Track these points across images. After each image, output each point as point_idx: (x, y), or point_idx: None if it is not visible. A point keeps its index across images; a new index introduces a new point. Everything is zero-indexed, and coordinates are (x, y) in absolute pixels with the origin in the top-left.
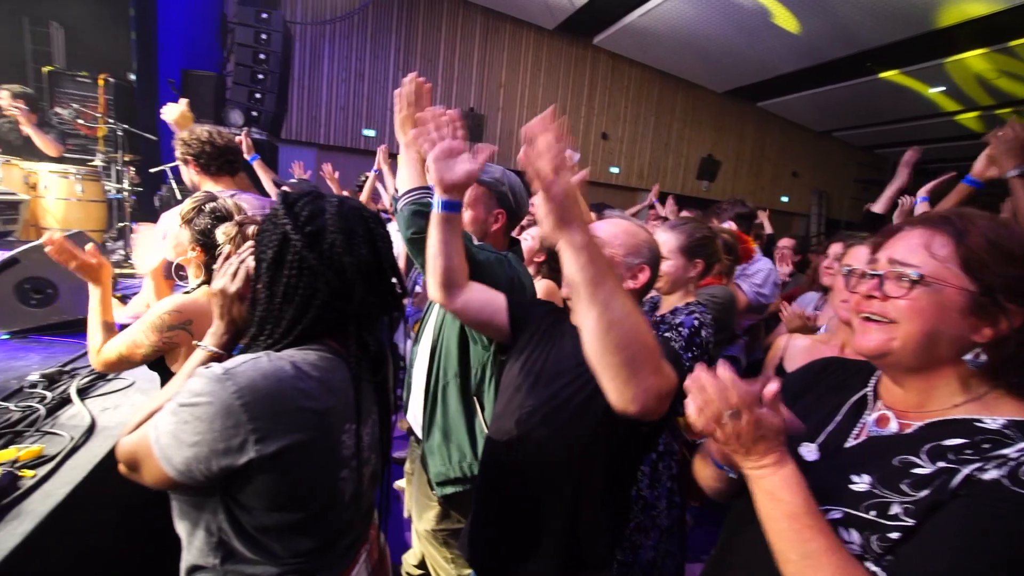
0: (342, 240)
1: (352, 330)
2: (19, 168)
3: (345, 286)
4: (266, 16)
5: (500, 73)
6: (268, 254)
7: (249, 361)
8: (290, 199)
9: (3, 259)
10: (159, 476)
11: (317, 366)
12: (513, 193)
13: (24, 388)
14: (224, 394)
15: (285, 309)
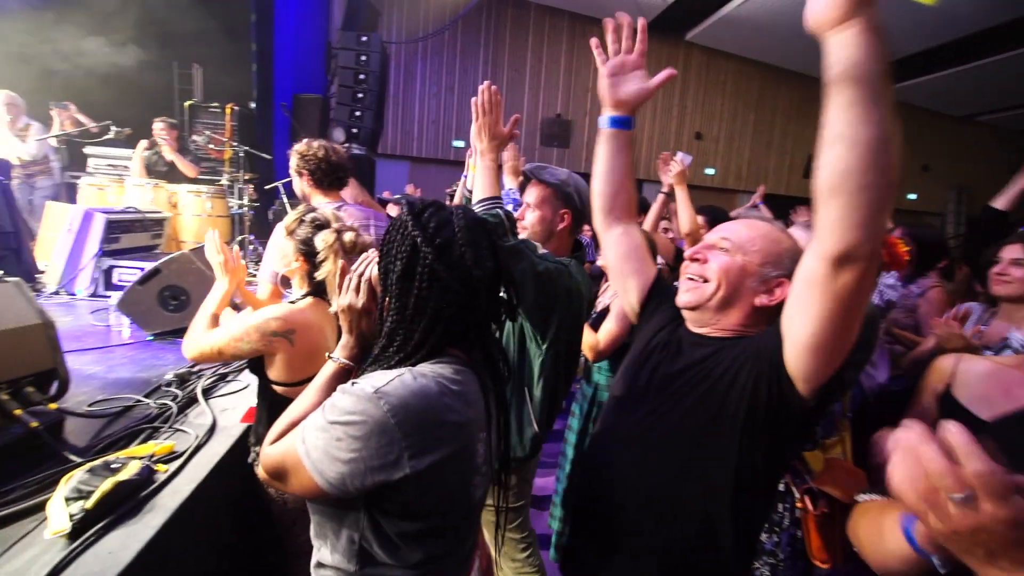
0: (471, 253)
1: (475, 340)
2: (164, 190)
3: (473, 298)
4: (365, 39)
5: (588, 77)
6: (397, 266)
7: (396, 379)
8: (417, 208)
9: (148, 270)
10: (310, 487)
11: (455, 380)
12: (579, 194)
13: (161, 386)
14: (378, 413)
15: (416, 321)
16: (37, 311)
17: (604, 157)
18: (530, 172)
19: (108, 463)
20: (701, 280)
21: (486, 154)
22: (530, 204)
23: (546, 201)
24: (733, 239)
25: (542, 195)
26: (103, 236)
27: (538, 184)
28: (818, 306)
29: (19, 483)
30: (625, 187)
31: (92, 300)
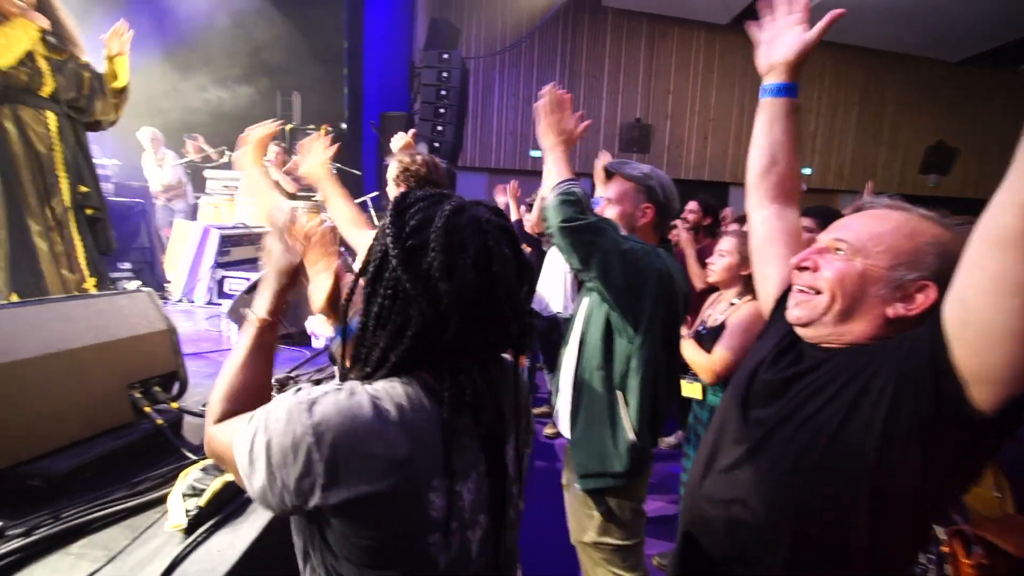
0: (442, 261)
1: (446, 368)
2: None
3: (439, 317)
4: (447, 57)
5: (668, 79)
6: (369, 268)
7: (331, 393)
8: (405, 202)
9: (253, 281)
10: (245, 489)
11: (401, 407)
12: (662, 188)
13: None
14: (300, 428)
15: (378, 335)
16: (164, 318)
17: (758, 129)
18: (611, 167)
19: None
20: (812, 292)
21: (556, 147)
22: (610, 199)
23: (627, 195)
24: (850, 239)
25: (622, 189)
26: (217, 249)
27: (619, 178)
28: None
29: (146, 475)
30: (779, 163)
31: (207, 307)
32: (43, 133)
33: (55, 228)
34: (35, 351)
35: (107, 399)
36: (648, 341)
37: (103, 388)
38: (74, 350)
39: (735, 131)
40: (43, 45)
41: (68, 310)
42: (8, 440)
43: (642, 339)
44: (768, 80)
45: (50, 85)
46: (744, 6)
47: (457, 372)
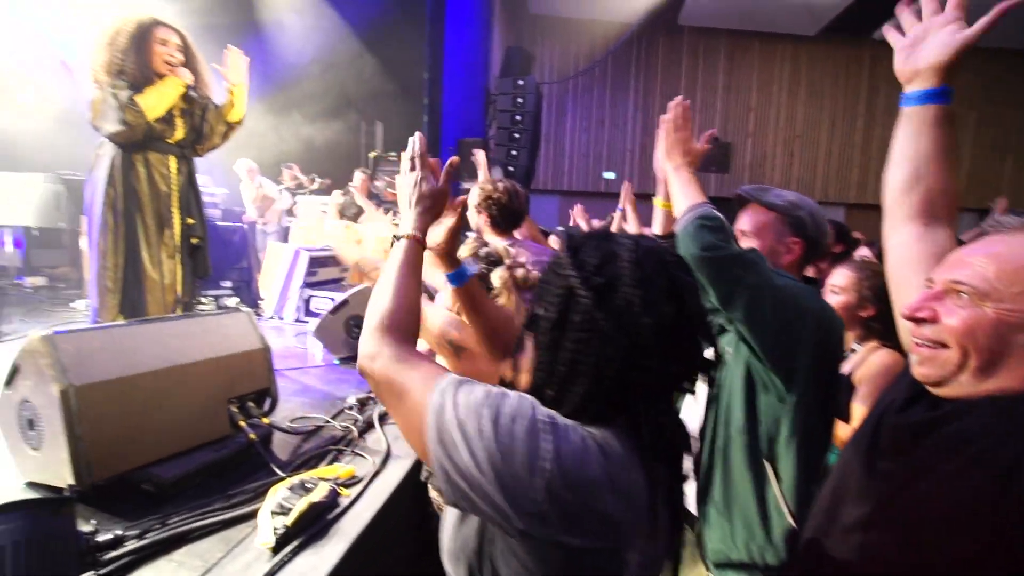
0: (641, 295)
1: (643, 409)
2: (353, 230)
3: (643, 355)
4: (522, 83)
5: (749, 96)
6: (551, 312)
7: (570, 426)
8: (576, 242)
9: (338, 301)
10: (416, 443)
11: (615, 462)
12: (813, 219)
13: (344, 409)
14: (535, 447)
15: (570, 381)
16: (261, 337)
17: (899, 141)
18: (748, 193)
19: (304, 482)
20: (937, 346)
21: (682, 168)
22: (745, 231)
23: (768, 228)
24: (973, 281)
25: (763, 221)
26: (306, 270)
27: (757, 207)
28: None
29: (240, 489)
30: (925, 178)
31: (295, 324)
32: (165, 174)
33: (164, 258)
34: (153, 365)
35: (209, 412)
36: (804, 400)
37: (206, 401)
38: (185, 365)
39: (825, 146)
40: (181, 98)
41: (181, 328)
42: (130, 446)
43: (797, 398)
44: (913, 87)
45: (179, 133)
46: (832, 16)
47: (655, 412)
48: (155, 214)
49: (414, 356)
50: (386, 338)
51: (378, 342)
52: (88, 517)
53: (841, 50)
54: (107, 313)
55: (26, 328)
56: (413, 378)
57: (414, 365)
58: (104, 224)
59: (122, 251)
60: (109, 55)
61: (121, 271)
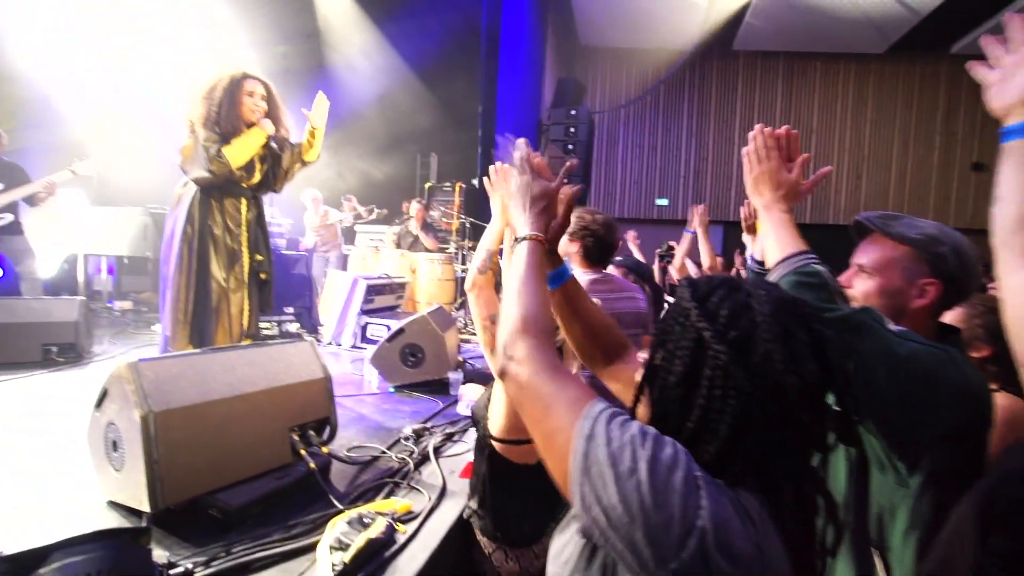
0: (782, 350)
1: (784, 473)
2: (407, 258)
3: (786, 416)
4: (574, 112)
5: (810, 118)
6: (676, 366)
7: (721, 487)
8: (702, 290)
9: (394, 329)
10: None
11: (766, 532)
12: (958, 256)
13: (400, 440)
14: (693, 503)
15: (704, 439)
16: (323, 367)
17: (1003, 177)
18: (870, 222)
19: (362, 516)
20: None
21: (773, 206)
22: (864, 267)
23: (895, 265)
24: None
25: (890, 256)
26: (364, 298)
27: (883, 239)
28: None
29: (299, 520)
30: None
31: (352, 351)
32: (235, 215)
33: (233, 292)
34: (224, 393)
35: (272, 440)
36: (932, 489)
37: (270, 429)
38: (252, 393)
39: (897, 168)
40: (262, 146)
41: (249, 356)
42: (200, 472)
43: (922, 485)
44: (1010, 121)
45: (256, 179)
46: (902, 34)
47: (799, 479)
48: (226, 251)
49: (562, 369)
50: (531, 342)
51: (524, 346)
52: (158, 541)
53: (914, 66)
54: (177, 343)
55: (114, 349)
56: (562, 396)
57: (563, 381)
58: (180, 259)
59: (194, 285)
60: (206, 108)
61: (192, 304)
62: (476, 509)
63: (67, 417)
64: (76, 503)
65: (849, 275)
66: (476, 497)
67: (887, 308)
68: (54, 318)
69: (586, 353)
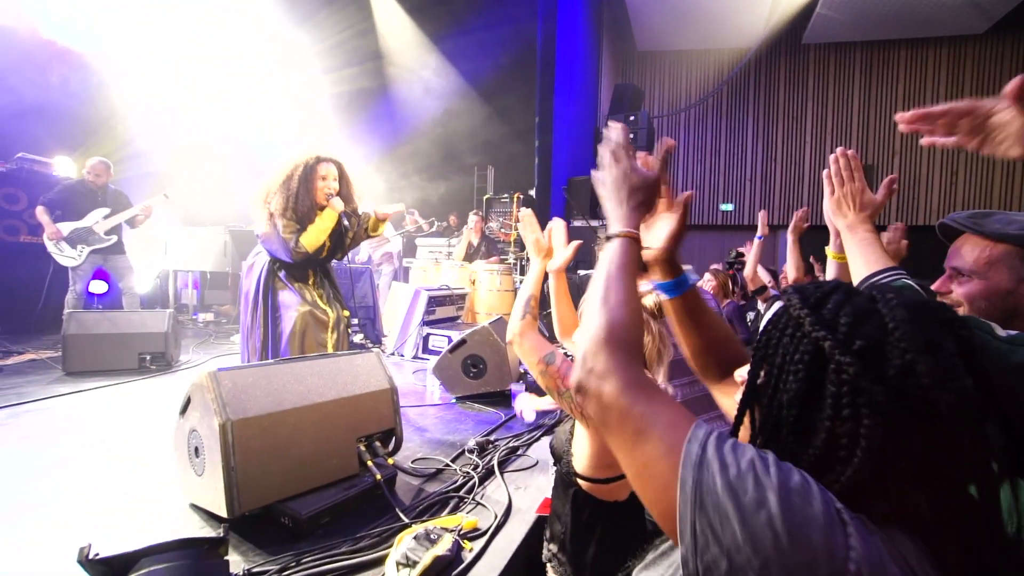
0: (929, 364)
1: (941, 514)
2: (467, 269)
3: (939, 439)
4: (633, 118)
5: (894, 109)
6: (790, 383)
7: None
8: (812, 296)
9: (456, 340)
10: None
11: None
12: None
13: (464, 452)
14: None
15: (835, 468)
16: (388, 377)
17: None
18: (960, 223)
19: (428, 532)
20: None
21: (857, 227)
22: (963, 270)
23: (999, 264)
24: None
25: (990, 255)
26: (425, 309)
27: (979, 240)
28: None
29: (367, 532)
30: None
31: (414, 361)
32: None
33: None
34: (296, 402)
35: (340, 451)
36: None
37: (338, 440)
38: (322, 403)
39: (1004, 161)
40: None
41: (319, 367)
42: (273, 480)
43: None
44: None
45: (324, 253)
46: (1009, 9)
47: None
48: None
49: (653, 386)
50: (617, 355)
51: (608, 359)
52: (233, 547)
53: (1022, 44)
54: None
55: (198, 357)
56: (658, 417)
57: (657, 400)
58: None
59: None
60: (284, 198)
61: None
62: (556, 553)
63: (158, 421)
64: (162, 505)
65: (944, 280)
66: (556, 542)
67: (995, 311)
68: (148, 329)
69: (702, 365)
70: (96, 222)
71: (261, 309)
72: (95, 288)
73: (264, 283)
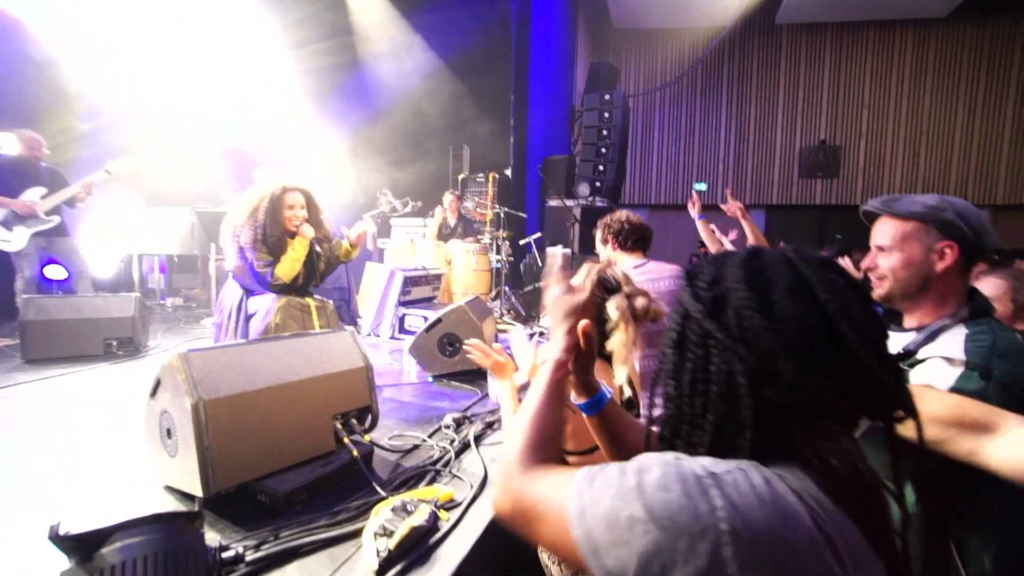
0: (750, 297)
1: (798, 433)
2: (443, 249)
3: (766, 361)
4: (608, 97)
5: (862, 91)
6: (671, 337)
7: (740, 471)
8: (694, 269)
9: (432, 320)
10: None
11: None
12: (963, 217)
13: (441, 428)
14: (703, 509)
15: (699, 406)
16: (363, 355)
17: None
18: (875, 208)
19: (405, 504)
20: None
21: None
22: (884, 246)
23: (911, 238)
24: None
25: (903, 231)
26: (401, 289)
27: (888, 220)
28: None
29: (344, 506)
30: None
31: (391, 342)
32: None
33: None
34: (269, 381)
35: (316, 428)
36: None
37: (314, 417)
38: (297, 382)
39: (961, 142)
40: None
41: (293, 346)
42: (249, 458)
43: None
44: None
45: (300, 280)
46: None
47: (811, 438)
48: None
49: (541, 469)
50: (534, 469)
51: (511, 478)
52: (211, 524)
53: (984, 28)
54: None
55: (167, 343)
56: (544, 494)
57: (542, 478)
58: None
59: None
60: (252, 231)
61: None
62: None
63: (128, 406)
64: (136, 488)
65: (872, 257)
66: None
67: (914, 278)
68: (113, 314)
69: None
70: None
71: (234, 320)
72: (53, 274)
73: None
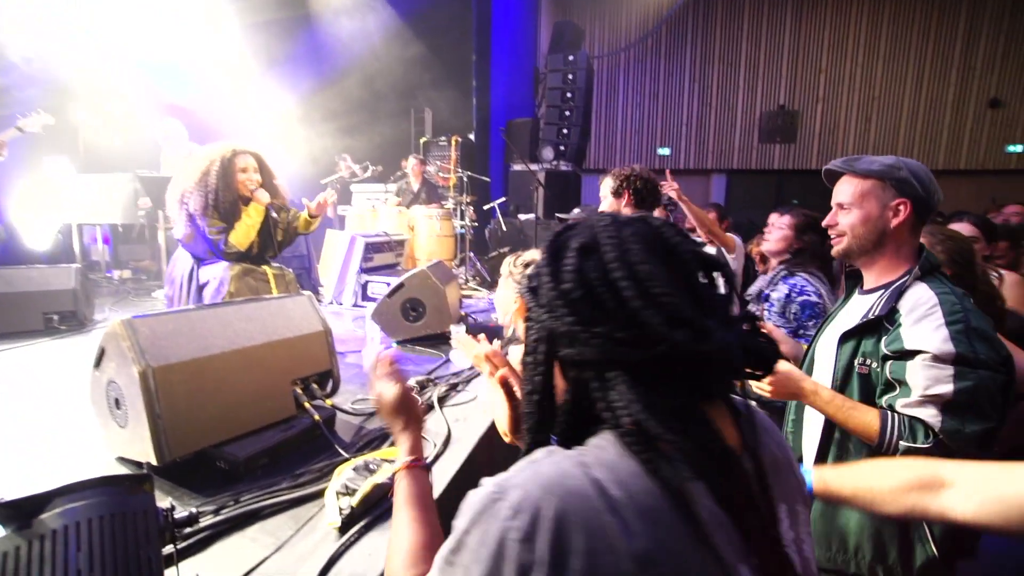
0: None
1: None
2: (405, 214)
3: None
4: (572, 58)
5: (820, 57)
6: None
7: (527, 467)
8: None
9: (394, 285)
10: None
11: (622, 481)
12: (916, 177)
13: None
14: (495, 524)
15: (537, 374)
16: (322, 320)
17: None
18: (838, 167)
19: (367, 463)
20: None
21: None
22: (844, 204)
23: (868, 195)
24: None
25: (861, 189)
26: (363, 256)
27: (850, 178)
28: None
29: (306, 469)
30: None
31: (354, 309)
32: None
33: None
34: (223, 347)
35: (275, 393)
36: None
37: (273, 383)
38: (252, 347)
39: (909, 107)
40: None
41: (248, 311)
42: (205, 425)
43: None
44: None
45: (254, 251)
46: None
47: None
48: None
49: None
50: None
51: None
52: (168, 492)
53: (927, 2)
54: None
55: (116, 316)
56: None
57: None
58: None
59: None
60: (203, 197)
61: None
62: None
63: (72, 381)
64: (85, 462)
65: (833, 215)
66: None
67: (871, 233)
68: (52, 287)
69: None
70: None
71: (186, 290)
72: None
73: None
